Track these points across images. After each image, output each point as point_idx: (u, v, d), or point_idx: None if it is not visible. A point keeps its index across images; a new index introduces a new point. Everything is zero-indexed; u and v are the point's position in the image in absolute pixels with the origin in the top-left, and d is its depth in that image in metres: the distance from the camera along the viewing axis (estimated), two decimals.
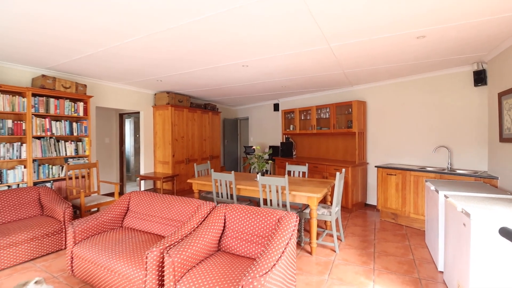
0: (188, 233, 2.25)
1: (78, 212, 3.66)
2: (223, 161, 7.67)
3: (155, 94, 5.74)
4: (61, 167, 3.89)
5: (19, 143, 3.49)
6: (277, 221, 2.20)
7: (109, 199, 3.88)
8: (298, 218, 2.19)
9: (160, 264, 1.94)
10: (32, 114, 3.56)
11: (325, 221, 3.61)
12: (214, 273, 1.86)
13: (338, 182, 3.07)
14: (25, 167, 3.52)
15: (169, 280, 1.83)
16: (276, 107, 6.84)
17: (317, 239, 3.17)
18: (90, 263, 2.29)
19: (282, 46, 2.95)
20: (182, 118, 5.81)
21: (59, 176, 3.86)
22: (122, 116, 6.19)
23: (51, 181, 3.78)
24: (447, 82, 3.96)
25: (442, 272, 2.53)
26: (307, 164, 4.17)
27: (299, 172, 4.29)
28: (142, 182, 5.33)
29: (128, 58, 3.40)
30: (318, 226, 3.79)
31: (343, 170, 3.31)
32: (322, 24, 2.37)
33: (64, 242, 3.08)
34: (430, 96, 4.15)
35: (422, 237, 3.45)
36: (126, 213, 2.96)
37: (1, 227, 2.83)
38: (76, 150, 4.07)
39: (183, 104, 5.87)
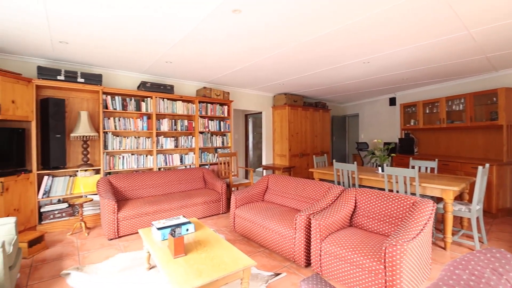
0: (324, 208, 2.72)
1: (227, 188, 4.80)
2: (331, 157, 7.88)
3: (274, 96, 6.60)
4: (213, 154, 5.19)
5: (191, 136, 4.92)
6: (411, 205, 2.36)
7: (246, 181, 4.88)
8: (435, 204, 2.27)
9: (306, 226, 2.49)
10: (198, 116, 4.93)
11: (461, 221, 3.34)
12: (352, 239, 2.24)
13: (481, 177, 2.83)
14: (194, 153, 4.93)
15: (315, 238, 2.34)
16: (392, 101, 6.50)
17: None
18: (248, 222, 3.11)
19: (410, 39, 2.99)
20: (297, 116, 6.44)
21: (212, 161, 5.16)
22: (246, 116, 7.43)
23: (208, 165, 5.11)
24: None
25: None
26: (436, 160, 3.92)
27: (425, 168, 4.07)
28: (264, 171, 6.28)
29: (261, 70, 4.21)
30: (453, 225, 3.52)
31: (487, 165, 2.99)
32: (461, 13, 2.33)
33: (221, 208, 4.17)
34: None
35: None
36: (266, 190, 3.74)
37: (187, 192, 4.15)
38: (222, 142, 5.31)
39: (298, 104, 6.48)
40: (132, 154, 4.25)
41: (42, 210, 3.46)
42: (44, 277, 2.38)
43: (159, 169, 4.52)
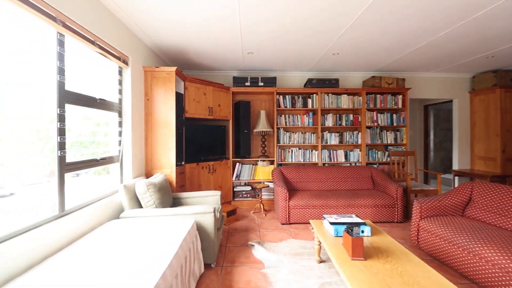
0: None
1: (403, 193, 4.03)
2: None
3: (473, 77, 4.85)
4: (382, 152, 4.53)
5: (356, 132, 4.55)
6: None
7: (429, 187, 3.87)
8: None
9: None
10: (365, 109, 4.48)
11: None
12: None
13: None
14: (360, 150, 4.53)
15: None
16: None
17: None
18: (441, 240, 2.37)
19: None
20: None
21: (381, 160, 4.52)
22: (426, 108, 5.99)
23: (377, 164, 4.53)
24: None
25: None
26: None
27: None
28: (456, 178, 4.77)
29: (455, 41, 3.13)
30: None
31: None
32: None
33: (396, 216, 3.52)
34: None
35: None
36: (468, 202, 2.74)
37: (353, 191, 3.85)
38: (395, 139, 4.53)
39: None
40: (299, 149, 4.49)
41: (234, 189, 4.37)
42: (236, 243, 2.93)
43: (323, 164, 4.51)
